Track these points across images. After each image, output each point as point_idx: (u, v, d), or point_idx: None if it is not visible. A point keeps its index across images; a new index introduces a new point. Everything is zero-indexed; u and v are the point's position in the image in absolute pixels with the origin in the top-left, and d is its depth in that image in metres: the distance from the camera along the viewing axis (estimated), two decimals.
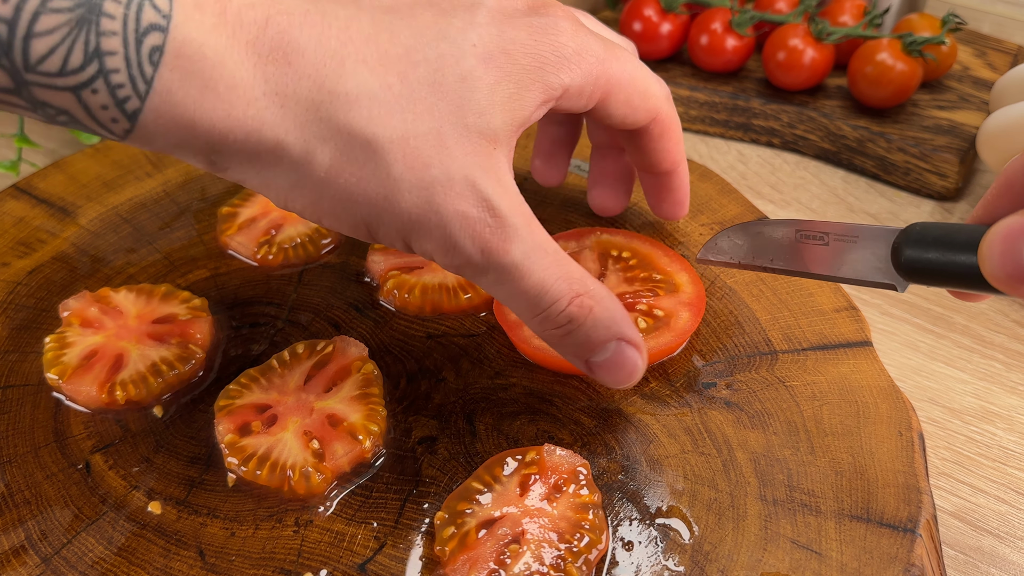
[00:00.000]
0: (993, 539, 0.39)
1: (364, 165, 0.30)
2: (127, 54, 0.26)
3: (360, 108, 0.29)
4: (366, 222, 0.31)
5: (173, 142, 0.28)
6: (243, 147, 0.29)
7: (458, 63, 0.30)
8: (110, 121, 0.27)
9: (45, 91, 0.26)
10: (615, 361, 0.33)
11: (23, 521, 0.33)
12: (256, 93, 0.28)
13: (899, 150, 0.59)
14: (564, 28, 0.33)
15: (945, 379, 0.47)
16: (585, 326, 0.33)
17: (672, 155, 0.40)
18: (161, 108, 0.27)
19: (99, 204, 0.48)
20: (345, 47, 0.29)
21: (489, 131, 0.31)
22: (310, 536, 0.33)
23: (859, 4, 0.65)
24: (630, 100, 0.36)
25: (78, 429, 0.37)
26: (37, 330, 0.41)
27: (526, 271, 0.31)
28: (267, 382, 0.37)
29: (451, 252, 0.31)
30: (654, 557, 0.32)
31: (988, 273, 0.25)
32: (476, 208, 0.30)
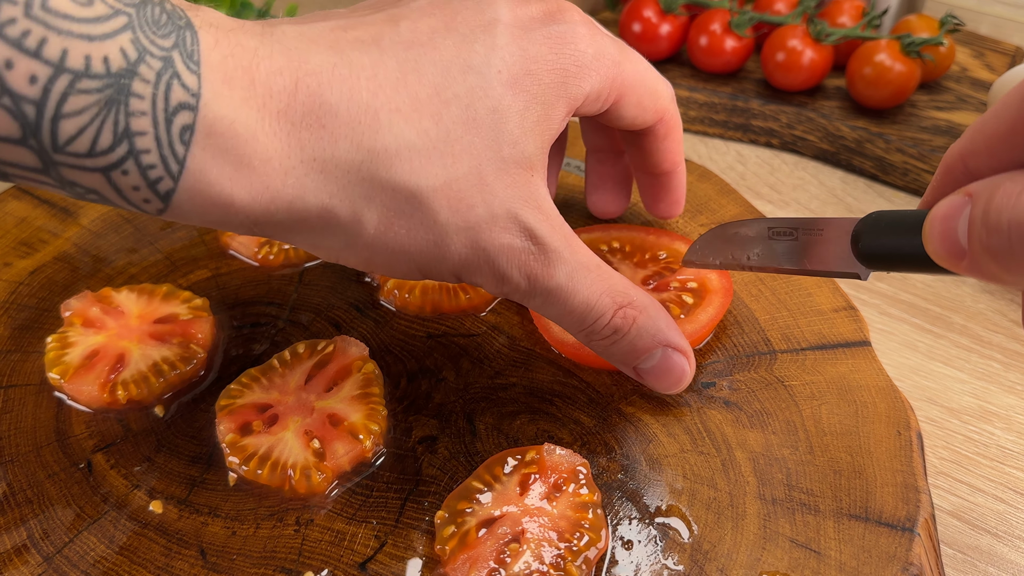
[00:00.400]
0: (991, 538, 0.39)
1: (412, 217, 0.30)
2: (157, 134, 0.25)
3: (401, 162, 0.29)
4: (419, 268, 0.31)
5: (212, 219, 0.28)
6: (287, 217, 0.29)
7: (487, 95, 0.30)
8: (142, 201, 0.27)
9: (74, 171, 0.25)
10: (662, 367, 0.35)
11: (25, 520, 0.33)
12: (293, 162, 0.28)
13: (897, 151, 0.59)
14: (582, 34, 0.33)
15: (943, 379, 0.47)
16: (630, 336, 0.34)
17: (673, 155, 0.40)
18: (196, 187, 0.26)
19: (101, 204, 0.48)
20: (376, 98, 0.29)
21: (524, 159, 0.31)
22: (311, 535, 0.33)
23: (858, 5, 0.65)
24: (641, 101, 0.36)
25: (80, 428, 0.37)
26: (39, 330, 0.41)
27: (571, 292, 0.32)
28: (268, 382, 0.37)
29: (501, 283, 0.32)
30: (653, 556, 0.32)
31: (931, 252, 0.26)
32: (520, 239, 0.31)
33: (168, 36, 0.25)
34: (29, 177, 0.25)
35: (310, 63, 0.28)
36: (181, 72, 0.25)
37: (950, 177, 0.28)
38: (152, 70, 0.25)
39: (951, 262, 0.25)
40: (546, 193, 0.32)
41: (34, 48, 0.23)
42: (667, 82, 0.38)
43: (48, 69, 0.23)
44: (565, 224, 0.33)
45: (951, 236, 0.25)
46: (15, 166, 0.25)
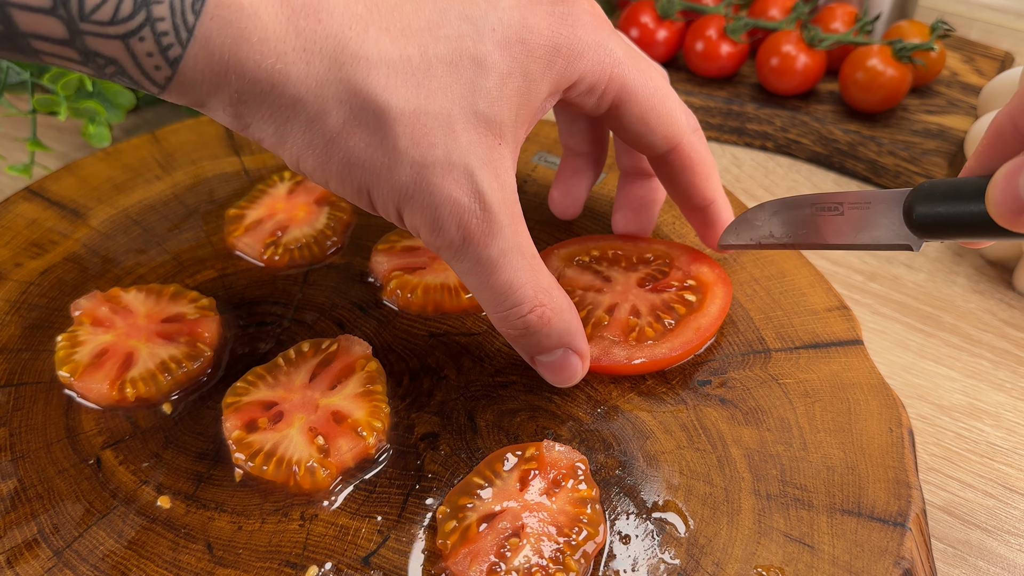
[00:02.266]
0: (981, 532, 0.39)
1: (373, 132, 0.30)
2: (172, 3, 0.26)
3: (378, 74, 0.29)
4: (367, 187, 0.31)
5: (206, 89, 0.29)
6: (267, 98, 0.29)
7: (476, 45, 0.30)
8: (154, 68, 0.28)
9: (97, 40, 0.27)
10: (559, 364, 0.35)
11: (36, 515, 0.33)
12: (286, 47, 0.28)
13: (889, 153, 0.59)
14: (586, 21, 0.33)
15: (934, 377, 0.47)
16: (539, 334, 0.34)
17: (701, 191, 0.39)
18: (200, 55, 0.28)
19: (109, 206, 0.48)
20: (371, 13, 0.29)
21: (496, 122, 0.31)
22: (315, 530, 0.33)
23: (850, 11, 0.65)
24: (646, 117, 0.35)
25: (89, 425, 0.37)
26: (49, 329, 0.41)
27: (499, 268, 0.32)
28: (273, 380, 0.37)
29: (436, 231, 0.31)
30: (651, 550, 0.32)
31: (993, 212, 0.26)
32: (468, 197, 0.31)
33: None
34: (56, 53, 0.27)
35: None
36: None
37: (999, 139, 0.28)
38: None
39: (1012, 219, 0.25)
40: (510, 165, 0.32)
41: None
42: (691, 114, 0.37)
43: None
44: (517, 203, 0.32)
45: (1014, 192, 0.25)
46: (44, 39, 0.26)
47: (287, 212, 0.46)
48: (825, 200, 0.35)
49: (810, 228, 0.35)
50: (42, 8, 0.26)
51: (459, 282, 0.42)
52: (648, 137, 0.36)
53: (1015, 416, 0.45)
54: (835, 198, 0.34)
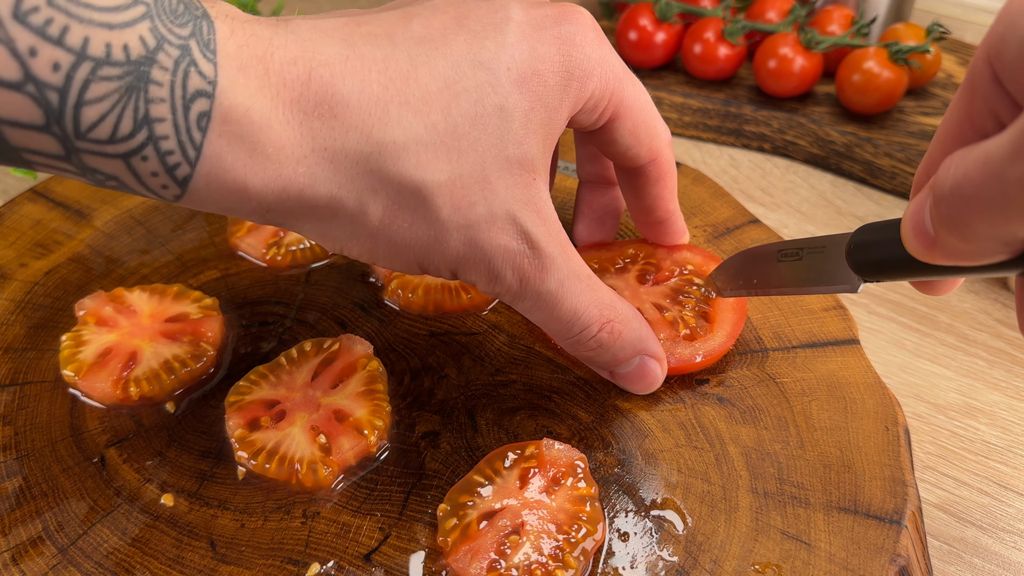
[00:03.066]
0: (976, 530, 0.39)
1: (415, 212, 0.30)
2: (176, 120, 0.25)
3: (408, 156, 0.29)
4: (418, 262, 0.31)
5: (226, 205, 0.28)
6: (296, 204, 0.29)
7: (495, 91, 0.30)
8: (160, 187, 0.26)
9: (95, 158, 0.25)
10: (638, 373, 0.36)
11: (40, 513, 0.33)
12: (305, 151, 0.27)
13: (885, 155, 0.60)
14: (589, 38, 0.32)
15: (930, 376, 0.47)
16: (613, 348, 0.35)
17: (666, 203, 0.39)
18: (212, 173, 0.26)
19: (113, 207, 0.48)
20: (387, 91, 0.28)
21: (527, 160, 0.31)
22: (317, 527, 0.33)
23: (847, 14, 0.65)
24: (636, 131, 0.35)
25: (93, 424, 0.37)
26: (54, 328, 0.41)
27: (560, 298, 0.33)
28: (276, 379, 0.37)
29: (494, 282, 0.32)
30: (649, 547, 0.32)
31: (908, 248, 0.26)
32: (516, 241, 0.31)
33: (185, 25, 0.25)
34: (52, 165, 0.25)
35: (323, 54, 0.28)
36: (198, 60, 0.25)
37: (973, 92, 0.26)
38: (170, 58, 0.25)
39: (926, 252, 0.25)
40: (547, 197, 0.32)
41: (57, 36, 0.23)
42: (667, 127, 0.37)
43: (71, 57, 0.23)
44: (562, 231, 0.33)
45: (921, 227, 0.25)
46: (39, 153, 0.25)
47: None
48: (790, 246, 0.36)
49: (773, 274, 0.36)
50: (34, 125, 0.24)
51: (460, 282, 0.42)
52: (635, 149, 0.36)
53: (1010, 415, 0.45)
54: (798, 244, 0.35)
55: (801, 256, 0.35)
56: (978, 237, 0.22)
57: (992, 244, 0.22)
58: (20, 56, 0.23)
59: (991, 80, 0.24)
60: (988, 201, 0.21)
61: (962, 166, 0.22)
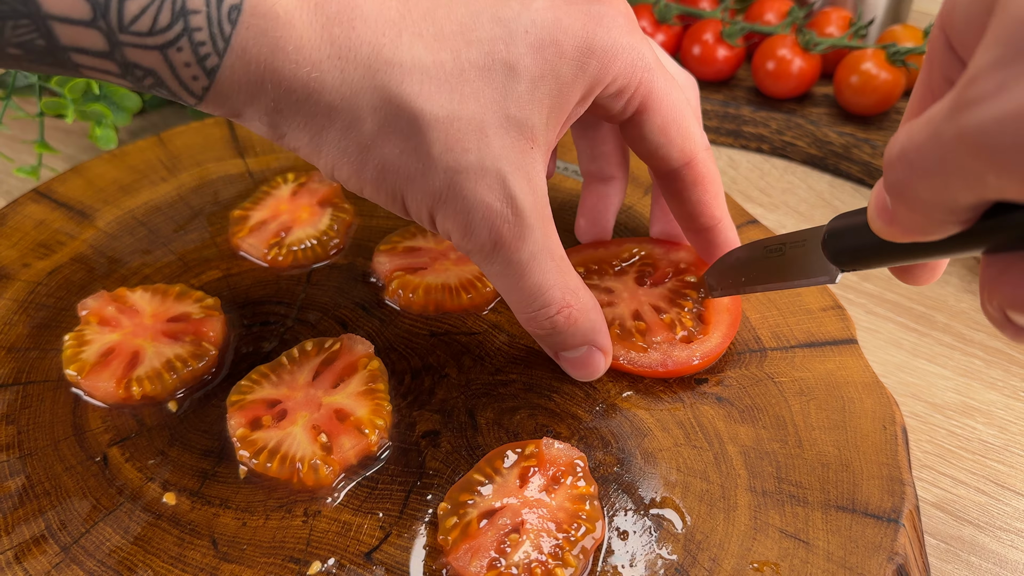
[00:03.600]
0: (973, 529, 0.39)
1: (407, 138, 0.30)
2: (209, 13, 0.26)
3: (411, 81, 0.29)
4: (401, 193, 0.31)
5: (243, 99, 0.29)
6: (303, 107, 0.29)
7: (508, 48, 0.30)
8: (191, 79, 0.28)
9: (136, 51, 0.27)
10: (582, 361, 0.36)
11: (43, 511, 0.33)
12: (321, 55, 0.28)
13: (883, 156, 0.59)
14: (620, 23, 0.32)
15: (927, 375, 0.47)
16: (565, 333, 0.35)
17: (709, 209, 0.38)
18: (236, 65, 0.27)
19: (116, 207, 0.48)
20: (404, 19, 0.29)
21: (528, 126, 0.31)
22: (318, 526, 0.33)
23: (845, 16, 0.65)
24: (667, 128, 0.35)
25: (96, 423, 0.37)
26: (57, 328, 0.41)
27: (529, 271, 0.32)
28: (277, 378, 0.37)
29: (467, 235, 0.31)
30: (648, 546, 0.32)
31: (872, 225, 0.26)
32: (500, 201, 0.31)
33: None
34: (96, 66, 0.27)
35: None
36: None
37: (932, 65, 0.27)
38: None
39: (887, 229, 0.25)
40: (541, 168, 0.32)
41: None
42: (704, 133, 0.37)
43: None
44: (548, 206, 0.32)
45: (883, 204, 0.25)
46: (84, 51, 0.26)
47: (291, 213, 0.46)
48: (773, 242, 0.36)
49: (759, 271, 0.36)
50: (83, 20, 0.26)
51: (460, 282, 0.42)
52: (665, 148, 0.36)
53: (1007, 414, 0.45)
54: (781, 239, 0.35)
55: (784, 251, 0.35)
56: (924, 205, 0.22)
57: (939, 213, 0.22)
58: None
59: (945, 47, 0.25)
60: (928, 162, 0.21)
61: (908, 131, 0.22)
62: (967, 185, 0.20)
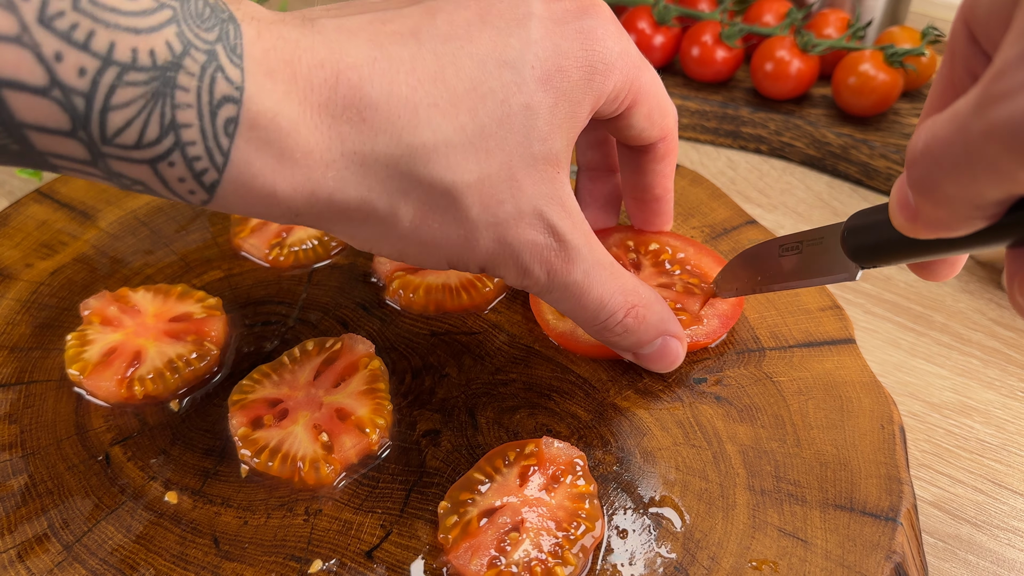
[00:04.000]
0: (971, 527, 0.39)
1: (445, 212, 0.30)
2: (203, 126, 0.25)
3: (438, 158, 0.29)
4: (448, 260, 0.32)
5: (255, 210, 0.28)
6: (326, 208, 0.28)
7: (521, 90, 0.30)
8: (188, 193, 0.26)
9: (121, 163, 0.25)
10: (660, 353, 0.37)
11: (46, 510, 0.33)
12: (334, 155, 0.27)
13: (881, 156, 0.60)
14: (611, 31, 0.32)
15: (925, 375, 0.47)
16: (638, 332, 0.35)
17: (666, 179, 0.40)
18: (240, 179, 0.26)
19: (118, 208, 0.48)
20: (416, 92, 0.28)
21: (552, 156, 0.31)
22: (319, 524, 0.33)
23: (843, 17, 0.65)
24: (651, 113, 0.36)
25: (98, 422, 0.37)
26: (59, 328, 0.41)
27: (587, 288, 0.33)
28: (278, 378, 0.37)
29: (523, 276, 0.32)
30: (647, 544, 0.32)
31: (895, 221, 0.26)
32: (543, 235, 0.31)
33: (212, 29, 0.25)
34: (78, 169, 0.25)
35: (350, 56, 0.27)
36: (225, 65, 0.25)
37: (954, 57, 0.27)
38: (197, 63, 0.24)
39: (910, 226, 0.25)
40: (570, 190, 0.32)
41: (83, 41, 0.23)
42: (673, 104, 0.38)
43: (96, 61, 0.23)
44: (585, 222, 0.33)
45: (904, 200, 0.25)
46: (65, 158, 0.24)
47: None
48: (790, 240, 0.36)
49: (775, 269, 0.36)
50: (61, 131, 0.23)
51: (460, 282, 0.42)
52: (648, 131, 0.36)
53: (1004, 413, 0.45)
54: (797, 237, 0.35)
55: (801, 249, 0.35)
56: (949, 201, 0.22)
57: (965, 208, 0.22)
58: (46, 61, 0.22)
59: (967, 40, 0.25)
60: (954, 158, 0.21)
61: (932, 127, 0.22)
62: (995, 180, 0.20)
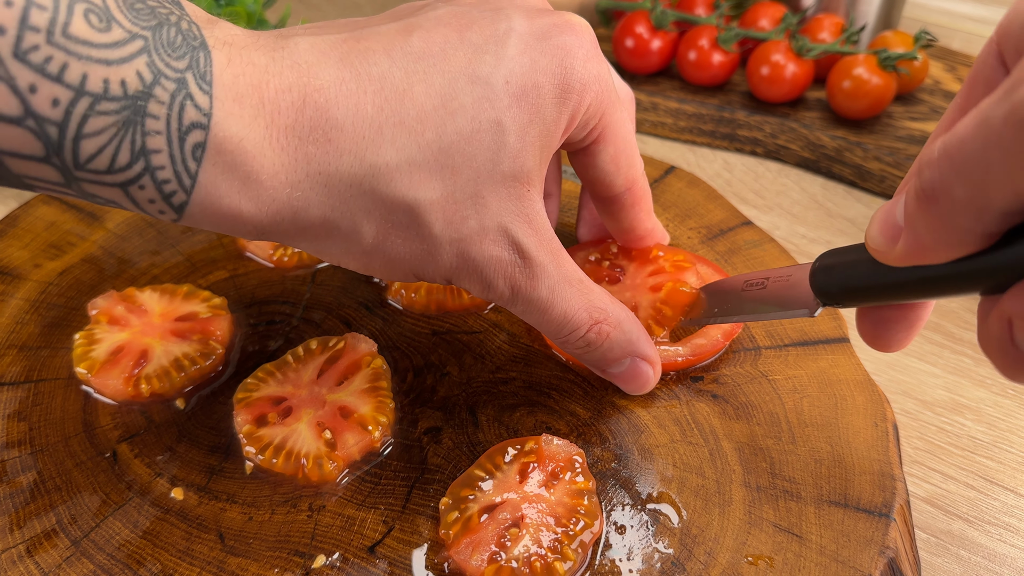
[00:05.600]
0: (963, 523, 0.39)
1: (407, 229, 0.30)
2: (171, 152, 0.25)
3: (401, 177, 0.28)
4: (413, 273, 0.32)
5: (223, 227, 0.28)
6: (291, 226, 0.28)
7: (492, 106, 0.29)
8: (158, 212, 0.27)
9: (94, 186, 0.25)
10: (629, 374, 0.36)
11: (54, 506, 0.33)
12: (299, 176, 0.27)
13: (875, 159, 0.59)
14: (587, 50, 0.32)
15: (918, 373, 0.47)
16: (602, 348, 0.34)
17: (643, 223, 0.39)
18: (207, 200, 0.26)
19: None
20: (382, 112, 0.28)
21: (523, 174, 0.31)
22: (323, 520, 0.33)
23: (837, 22, 0.65)
24: (617, 158, 0.35)
25: (105, 420, 0.37)
26: (67, 327, 0.41)
27: (551, 304, 0.33)
28: (282, 376, 0.37)
29: (487, 290, 0.32)
30: (645, 540, 0.32)
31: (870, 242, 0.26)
32: (507, 252, 0.31)
33: (182, 58, 0.25)
34: (52, 189, 0.26)
35: (319, 79, 0.27)
36: (194, 93, 0.25)
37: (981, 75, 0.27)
38: (167, 91, 0.24)
39: (887, 247, 0.25)
40: (540, 207, 0.32)
41: (56, 73, 0.23)
42: (640, 158, 0.37)
43: (69, 93, 0.23)
44: (554, 238, 0.32)
45: (889, 221, 0.25)
46: (40, 180, 0.25)
47: None
48: (756, 276, 0.36)
49: (734, 303, 0.36)
50: (35, 157, 0.24)
51: None
52: (612, 176, 0.36)
53: (995, 411, 0.45)
54: (765, 274, 0.35)
55: (766, 285, 0.35)
56: (952, 209, 0.22)
57: (965, 219, 0.22)
58: (20, 93, 0.23)
59: (997, 62, 0.25)
60: (972, 152, 0.21)
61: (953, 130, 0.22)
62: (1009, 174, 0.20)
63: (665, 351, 0.38)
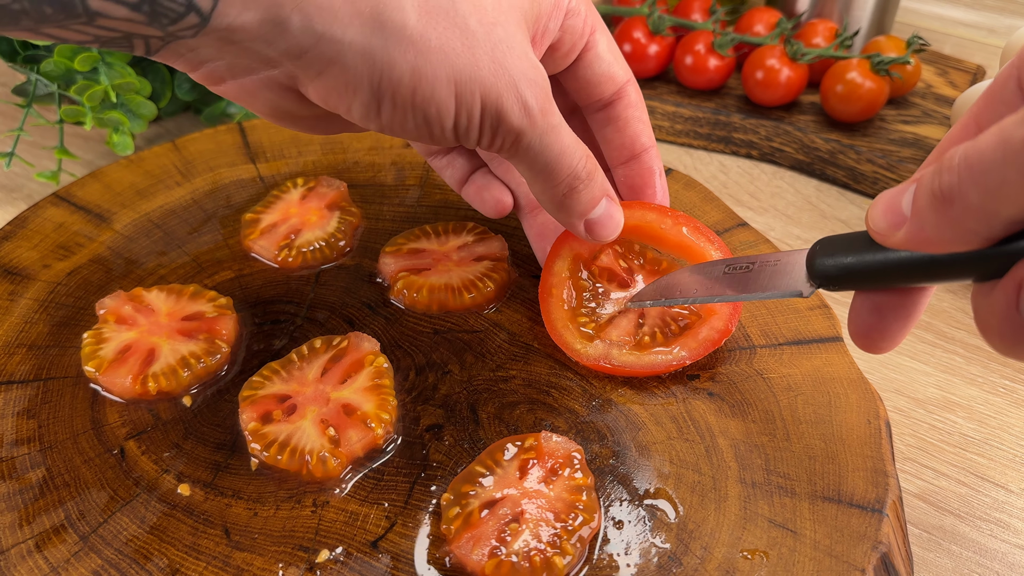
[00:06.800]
0: (954, 519, 0.39)
1: (446, 15, 0.29)
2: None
3: None
4: (455, 80, 0.29)
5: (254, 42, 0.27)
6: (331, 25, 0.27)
7: None
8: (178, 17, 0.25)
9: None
10: (606, 216, 0.36)
11: (63, 502, 0.33)
12: None
13: (868, 161, 0.60)
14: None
15: (910, 371, 0.47)
16: (590, 187, 0.34)
17: (646, 126, 0.39)
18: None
19: (132, 211, 0.48)
20: None
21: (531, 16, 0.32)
22: (327, 516, 0.33)
23: (831, 27, 0.65)
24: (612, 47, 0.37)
25: (113, 417, 0.37)
26: (76, 326, 0.41)
27: (563, 131, 0.33)
28: (287, 374, 0.37)
29: (522, 112, 0.31)
30: (642, 535, 0.32)
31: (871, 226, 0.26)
32: (533, 70, 0.31)
33: None
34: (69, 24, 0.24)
35: None
36: None
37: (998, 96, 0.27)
38: None
39: (889, 231, 0.25)
40: None
41: None
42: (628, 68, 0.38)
43: None
44: None
45: (894, 208, 0.25)
46: None
47: (300, 216, 0.46)
48: (740, 261, 0.36)
49: (715, 285, 0.36)
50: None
51: (462, 283, 0.42)
52: (613, 66, 0.37)
53: (986, 408, 0.45)
54: (748, 259, 0.35)
55: (751, 268, 0.35)
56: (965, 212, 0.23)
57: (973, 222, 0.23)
58: None
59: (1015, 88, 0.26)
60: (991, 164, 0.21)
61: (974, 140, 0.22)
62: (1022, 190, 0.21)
63: (665, 352, 0.38)
